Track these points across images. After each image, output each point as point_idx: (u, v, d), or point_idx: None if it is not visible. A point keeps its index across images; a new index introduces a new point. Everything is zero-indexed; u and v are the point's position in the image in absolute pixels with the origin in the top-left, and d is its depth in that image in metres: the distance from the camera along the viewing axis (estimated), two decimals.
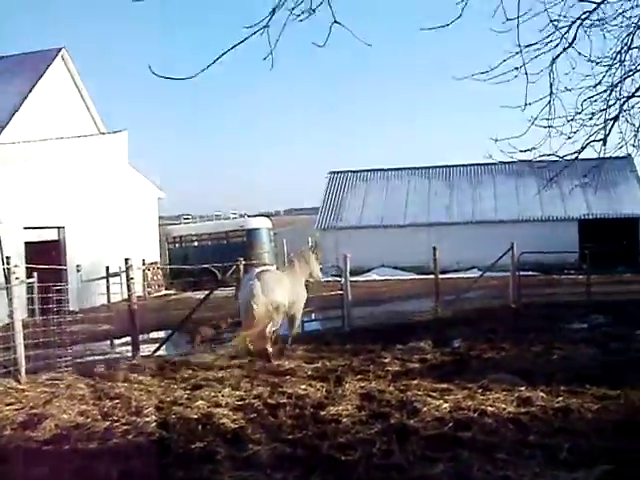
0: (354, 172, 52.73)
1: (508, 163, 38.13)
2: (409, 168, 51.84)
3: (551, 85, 8.69)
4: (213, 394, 11.35)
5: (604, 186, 45.37)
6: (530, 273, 30.73)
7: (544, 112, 8.82)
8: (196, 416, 9.94)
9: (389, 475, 7.20)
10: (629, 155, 44.41)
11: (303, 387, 11.80)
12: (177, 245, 46.45)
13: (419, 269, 38.26)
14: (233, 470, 7.64)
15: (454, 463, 7.49)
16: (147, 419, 9.87)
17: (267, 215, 54.01)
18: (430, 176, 50.35)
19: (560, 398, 10.38)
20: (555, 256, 32.83)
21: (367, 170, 52.80)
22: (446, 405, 9.98)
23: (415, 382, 11.71)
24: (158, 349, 16.72)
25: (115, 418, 9.98)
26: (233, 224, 44.73)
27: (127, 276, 16.41)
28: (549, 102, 8.64)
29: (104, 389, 11.91)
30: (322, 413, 9.91)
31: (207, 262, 31.46)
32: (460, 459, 7.62)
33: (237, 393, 11.42)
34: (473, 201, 47.00)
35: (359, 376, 12.50)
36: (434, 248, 20.79)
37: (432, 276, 23.18)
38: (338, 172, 52.71)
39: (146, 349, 16.83)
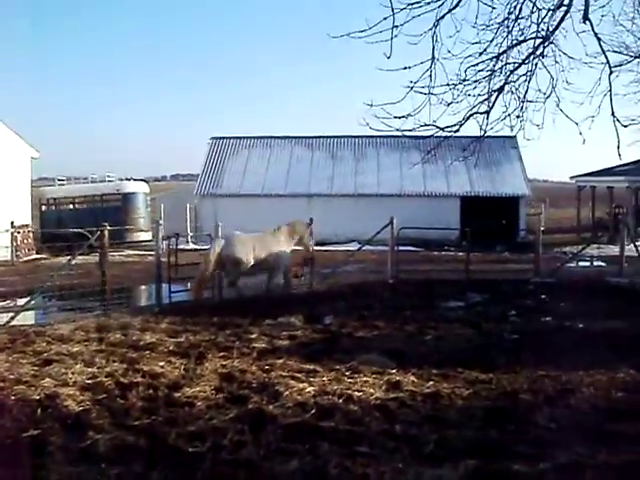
0: (237, 139, 51.39)
1: (393, 137, 38.13)
2: (293, 137, 50.94)
3: (433, 49, 8.01)
4: (63, 371, 10.30)
5: (487, 164, 45.94)
6: (411, 248, 30.57)
7: (425, 78, 8.15)
8: (38, 397, 8.89)
9: (236, 473, 6.43)
10: (514, 136, 45.78)
11: (161, 364, 10.92)
12: (51, 208, 44.37)
13: None
14: (64, 464, 6.71)
15: (311, 458, 6.79)
16: None
17: (146, 180, 52.20)
18: (313, 146, 49.72)
19: (431, 383, 9.92)
20: (437, 232, 32.77)
21: (250, 137, 51.54)
22: (310, 389, 9.30)
23: (281, 361, 11.03)
24: (13, 319, 15.43)
25: None
26: (109, 187, 43.07)
27: None
28: (430, 67, 7.96)
29: None
30: (176, 395, 9.08)
31: (82, 226, 29.84)
32: (318, 453, 6.93)
33: (89, 370, 10.41)
34: (356, 174, 46.72)
35: (222, 353, 11.70)
36: (310, 219, 20.11)
37: None
38: (220, 138, 51.27)
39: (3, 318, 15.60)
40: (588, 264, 26.79)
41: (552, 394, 9.47)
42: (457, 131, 8.58)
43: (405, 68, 7.94)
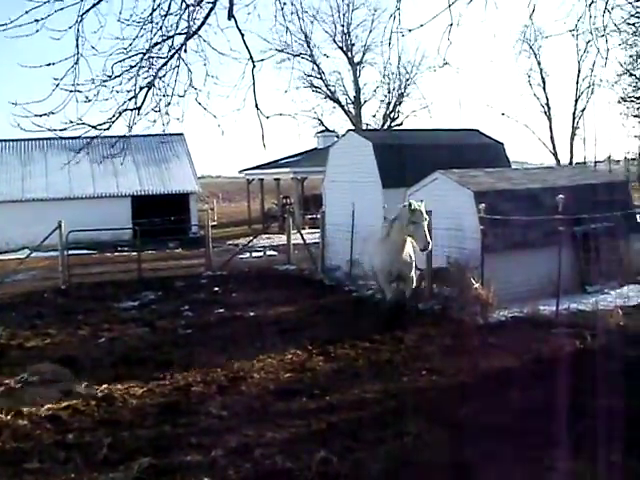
0: None
1: (60, 138, 36.54)
2: None
3: (77, 44, 7.83)
4: None
5: (157, 162, 45.98)
6: (84, 252, 29.73)
7: (70, 75, 7.95)
8: None
9: None
10: (182, 134, 46.27)
11: None
12: None
13: None
14: None
15: None
16: None
17: None
18: None
19: (105, 386, 9.79)
20: (110, 233, 32.17)
21: None
22: None
23: None
24: None
25: None
26: None
27: None
28: (75, 62, 7.79)
29: None
30: None
31: None
32: None
33: None
34: (23, 178, 44.50)
35: None
36: None
37: None
38: None
39: None
40: (261, 254, 27.77)
41: (224, 383, 9.81)
42: (108, 129, 8.47)
43: (49, 64, 7.70)
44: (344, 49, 52.82)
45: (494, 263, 14.23)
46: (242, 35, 8.66)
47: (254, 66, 8.69)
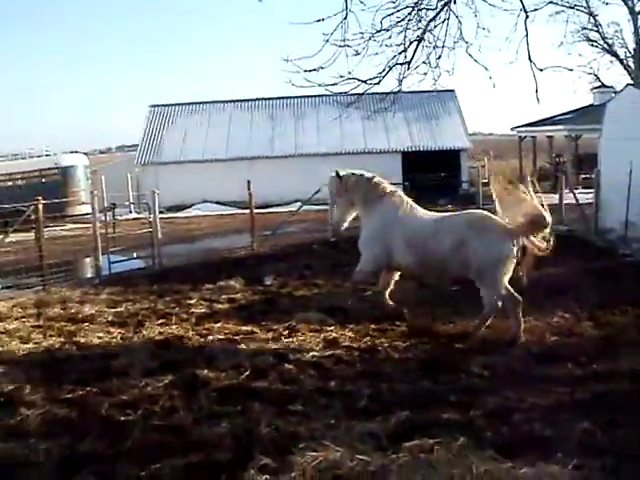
0: (175, 105, 50.68)
1: (332, 95, 37.68)
2: (231, 101, 50.40)
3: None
4: None
5: (427, 118, 46.07)
6: None
7: (340, 30, 8.03)
8: None
9: (165, 438, 6.40)
10: (453, 90, 45.85)
11: (99, 335, 10.78)
12: None
13: (241, 204, 37.43)
14: None
15: (242, 419, 6.78)
16: None
17: (86, 153, 51.17)
18: (252, 109, 49.28)
19: (368, 338, 9.96)
20: None
21: (188, 103, 50.76)
22: (246, 350, 9.29)
23: (218, 325, 10.97)
24: None
25: None
26: (47, 162, 42.07)
27: None
28: (344, 18, 7.84)
29: None
30: (111, 365, 8.96)
31: (20, 203, 29.14)
32: (250, 414, 6.92)
33: (25, 346, 10.24)
34: (295, 134, 46.42)
35: (161, 320, 11.59)
36: (248, 182, 19.99)
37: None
38: (158, 106, 50.43)
39: None
40: None
41: (487, 342, 9.58)
42: (378, 83, 8.50)
43: (319, 20, 7.82)
44: None
45: None
46: None
47: (527, 17, 8.33)
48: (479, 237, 9.81)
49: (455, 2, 7.99)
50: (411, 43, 8.28)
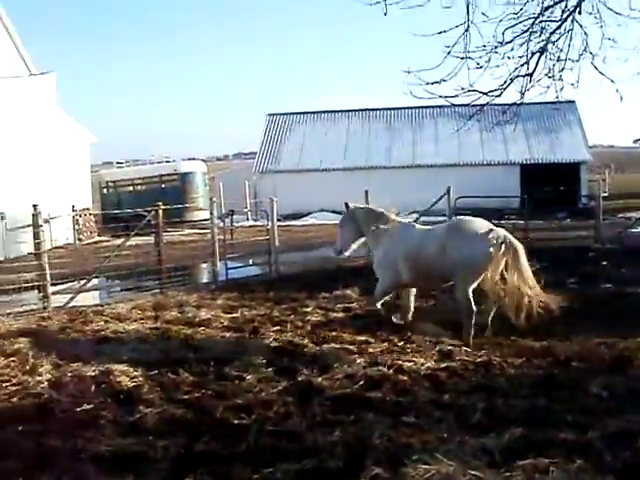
0: (292, 114, 51.51)
1: (450, 106, 37.32)
2: (348, 110, 50.87)
3: (468, 10, 7.82)
4: (118, 348, 10.53)
5: (546, 131, 45.14)
6: None
7: (461, 42, 7.98)
8: (93, 374, 9.09)
9: (279, 443, 6.50)
10: (573, 101, 44.70)
11: (215, 340, 11.05)
12: (111, 191, 44.88)
13: None
14: (114, 437, 6.88)
15: (355, 428, 6.82)
16: (39, 378, 8.99)
17: (205, 160, 52.59)
18: (370, 119, 49.47)
19: (483, 352, 9.84)
20: (497, 201, 32.25)
21: (306, 112, 51.59)
22: (361, 360, 9.33)
23: (334, 334, 11.05)
24: (72, 299, 15.68)
25: (6, 378, 9.04)
26: (167, 168, 43.48)
27: (34, 224, 15.04)
28: (466, 30, 7.79)
29: (1, 345, 10.93)
30: (227, 369, 9.16)
31: (141, 207, 30.14)
32: (363, 423, 6.95)
33: (143, 347, 10.64)
34: (413, 144, 46.36)
35: (276, 327, 11.79)
36: (366, 192, 20.11)
37: None
38: (276, 114, 51.41)
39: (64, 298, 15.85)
40: None
41: (607, 362, 9.29)
42: (499, 95, 8.40)
43: (440, 32, 7.81)
44: None
45: None
46: None
47: None
48: (454, 239, 10.67)
49: (580, 12, 7.78)
50: (533, 55, 8.16)
